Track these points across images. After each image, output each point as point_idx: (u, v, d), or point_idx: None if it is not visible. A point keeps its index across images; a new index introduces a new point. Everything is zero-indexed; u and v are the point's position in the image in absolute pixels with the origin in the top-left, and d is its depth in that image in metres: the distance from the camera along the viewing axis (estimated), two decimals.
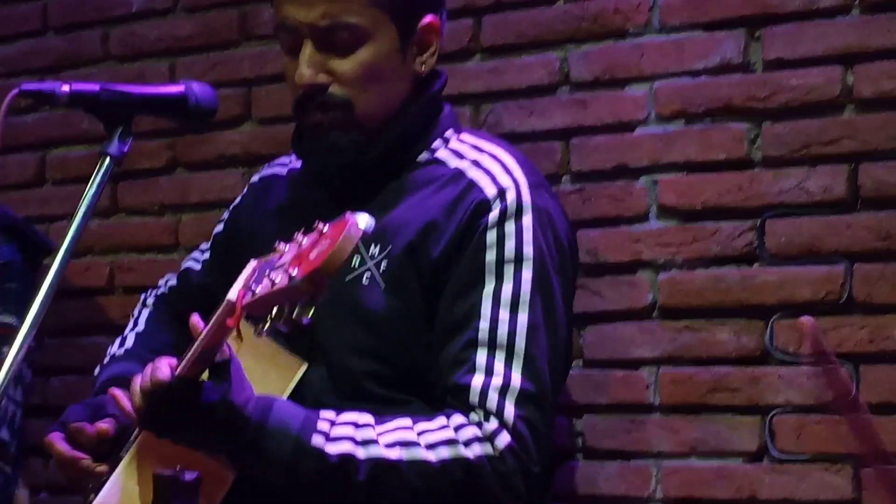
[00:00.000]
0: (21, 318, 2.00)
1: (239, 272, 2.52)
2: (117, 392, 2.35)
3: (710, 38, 2.72)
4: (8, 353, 1.93)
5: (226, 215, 2.72)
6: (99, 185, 1.99)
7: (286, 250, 1.99)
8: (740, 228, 2.68)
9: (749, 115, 2.69)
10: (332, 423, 2.18)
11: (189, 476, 1.97)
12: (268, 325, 2.01)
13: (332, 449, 2.15)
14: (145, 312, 2.71)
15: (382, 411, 2.30)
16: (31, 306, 1.96)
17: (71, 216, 1.98)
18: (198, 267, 2.72)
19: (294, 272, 1.91)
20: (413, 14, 2.37)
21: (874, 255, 2.56)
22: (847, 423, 1.81)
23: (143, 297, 2.77)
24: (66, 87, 2.02)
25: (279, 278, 1.93)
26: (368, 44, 2.32)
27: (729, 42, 2.70)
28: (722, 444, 2.67)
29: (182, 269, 2.76)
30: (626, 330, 2.78)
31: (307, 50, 2.33)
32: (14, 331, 2.04)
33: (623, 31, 2.80)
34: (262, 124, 3.07)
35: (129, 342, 2.64)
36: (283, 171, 2.65)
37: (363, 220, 1.92)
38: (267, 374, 2.31)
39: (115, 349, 2.65)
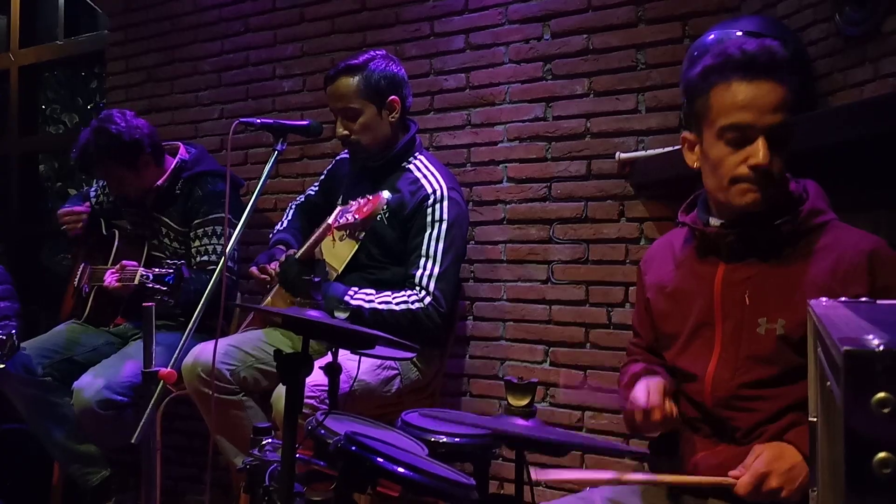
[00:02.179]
0: (237, 219, 2.05)
1: (330, 200, 2.64)
2: (260, 267, 2.47)
3: (531, 106, 2.69)
4: (233, 234, 2.04)
5: (325, 172, 2.76)
6: (271, 165, 2.04)
7: (353, 203, 2.15)
8: (541, 187, 2.67)
9: (545, 139, 2.67)
10: (355, 293, 2.25)
11: (317, 278, 2.11)
12: (344, 235, 2.18)
13: (353, 303, 2.22)
14: (291, 211, 2.76)
15: (379, 265, 2.39)
16: (242, 215, 1.99)
17: (258, 178, 2.04)
18: (312, 193, 2.76)
19: (356, 216, 2.06)
20: (383, 97, 2.40)
21: (596, 198, 2.58)
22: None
23: (290, 204, 2.81)
24: (258, 120, 2.09)
25: (350, 217, 2.09)
26: (363, 115, 2.38)
27: (538, 108, 2.68)
28: (531, 276, 2.69)
29: (306, 193, 2.80)
30: (492, 228, 2.75)
31: (339, 120, 2.42)
32: (235, 224, 2.11)
33: (493, 102, 2.76)
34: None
35: (284, 223, 2.71)
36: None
37: (386, 195, 2.09)
38: (343, 246, 2.36)
39: (278, 227, 2.72)
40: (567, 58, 2.66)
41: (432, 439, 1.75)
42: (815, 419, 0.99)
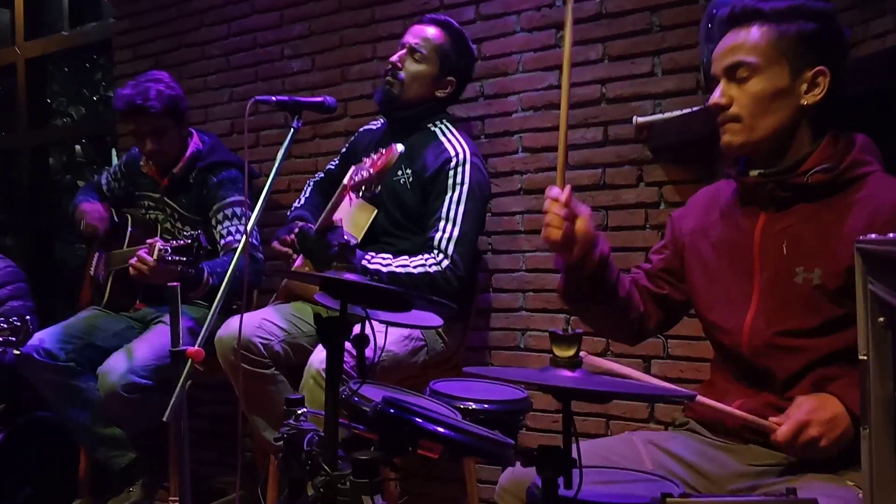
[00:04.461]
0: (252, 207, 2.05)
1: None
2: (280, 240, 2.49)
3: (544, 75, 2.68)
4: (251, 216, 2.01)
5: (346, 145, 2.76)
6: (288, 142, 2.02)
7: (366, 160, 2.14)
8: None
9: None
10: (372, 258, 2.25)
11: (353, 241, 2.09)
12: (360, 192, 2.17)
13: (371, 267, 2.22)
14: (308, 189, 2.76)
15: (399, 232, 2.40)
16: (258, 200, 1.98)
17: (270, 160, 2.08)
18: (332, 167, 2.75)
19: (371, 170, 2.06)
20: (447, 71, 2.47)
21: (613, 164, 2.56)
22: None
23: (309, 181, 2.80)
24: (274, 98, 2.08)
25: (364, 173, 2.08)
26: (424, 65, 2.42)
27: (552, 76, 2.66)
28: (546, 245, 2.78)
29: (326, 168, 2.80)
30: (508, 200, 2.74)
31: (402, 52, 2.44)
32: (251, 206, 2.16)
33: (507, 72, 2.75)
34: (352, 118, 3.07)
35: (302, 200, 2.71)
36: (373, 127, 2.68)
37: (399, 147, 2.08)
38: (361, 214, 2.37)
39: (296, 203, 2.71)
40: (580, 23, 2.62)
41: (461, 406, 1.75)
42: (864, 357, 0.99)
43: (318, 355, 2.14)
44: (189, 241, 2.30)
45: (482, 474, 2.70)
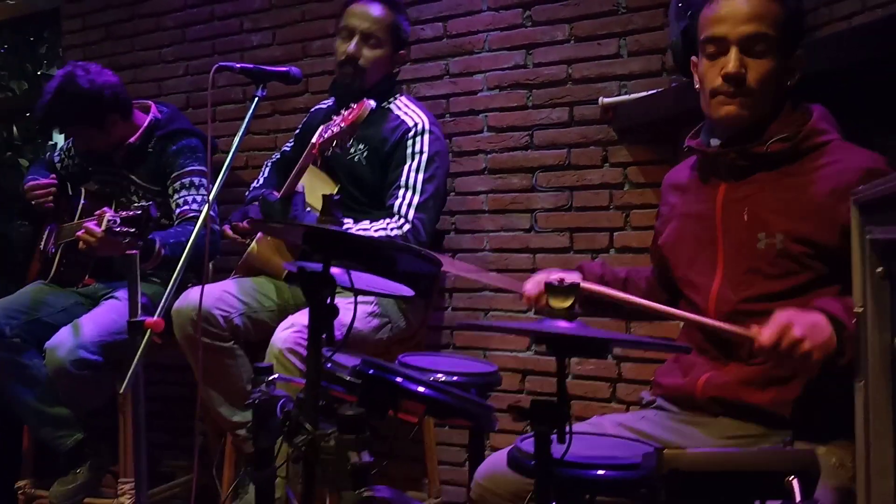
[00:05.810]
0: (212, 182, 2.00)
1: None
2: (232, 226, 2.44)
3: (511, 54, 2.65)
4: (213, 189, 1.95)
5: (301, 125, 2.69)
6: (252, 111, 1.95)
7: (336, 118, 2.11)
8: (523, 135, 2.64)
9: (526, 87, 2.63)
10: None
11: (336, 196, 2.06)
12: (329, 150, 2.13)
13: None
14: (266, 169, 2.69)
15: (360, 209, 2.34)
16: (218, 175, 1.93)
17: (227, 135, 2.00)
18: (287, 149, 2.68)
19: (342, 125, 2.02)
20: (400, 46, 2.45)
21: (579, 144, 2.56)
22: None
23: (266, 161, 2.74)
24: (238, 65, 2.02)
25: (335, 129, 2.04)
26: (382, 49, 2.37)
27: (518, 55, 2.64)
28: (514, 225, 2.65)
29: (281, 150, 2.73)
30: (472, 179, 2.71)
31: (356, 40, 2.37)
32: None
33: (472, 51, 2.72)
34: (312, 94, 3.00)
35: (260, 181, 2.64)
36: (324, 106, 2.62)
37: (371, 102, 2.05)
38: (323, 188, 2.29)
39: (255, 184, 2.66)
40: (547, 3, 2.62)
41: (431, 378, 1.73)
42: (861, 309, 0.99)
43: (281, 334, 2.08)
44: (139, 213, 2.21)
45: (443, 455, 2.67)
